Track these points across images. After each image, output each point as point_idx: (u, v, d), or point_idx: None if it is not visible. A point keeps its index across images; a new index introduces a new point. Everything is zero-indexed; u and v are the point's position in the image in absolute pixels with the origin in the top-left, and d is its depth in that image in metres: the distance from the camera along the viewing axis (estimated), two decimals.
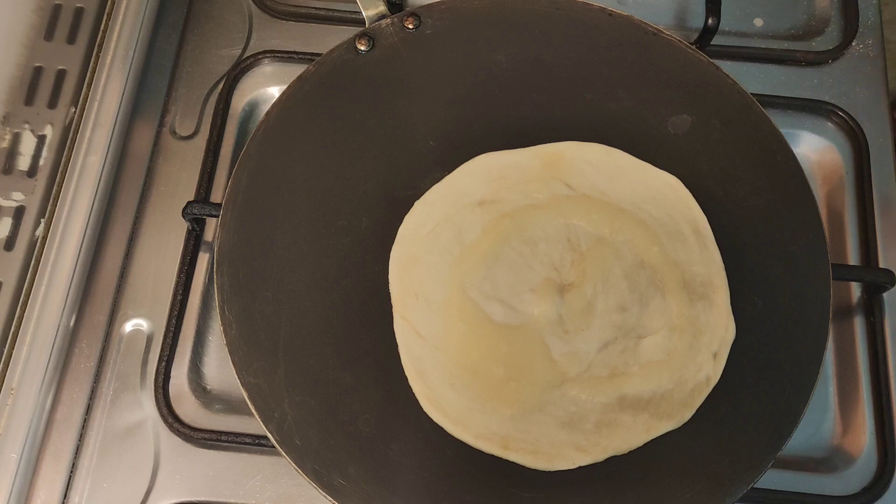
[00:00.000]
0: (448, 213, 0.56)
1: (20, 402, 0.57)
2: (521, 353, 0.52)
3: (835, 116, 0.68)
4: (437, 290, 0.54)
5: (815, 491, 0.57)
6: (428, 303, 0.53)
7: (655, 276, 0.54)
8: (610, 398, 0.51)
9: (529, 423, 0.51)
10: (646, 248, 0.54)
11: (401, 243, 0.55)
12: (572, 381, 0.52)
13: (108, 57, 0.67)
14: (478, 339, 0.53)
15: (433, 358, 0.52)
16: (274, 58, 0.69)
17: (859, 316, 0.63)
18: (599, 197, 0.56)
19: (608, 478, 0.50)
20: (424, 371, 0.52)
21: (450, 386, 0.51)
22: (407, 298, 0.53)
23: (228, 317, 0.53)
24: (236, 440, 0.57)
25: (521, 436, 0.50)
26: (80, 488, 0.57)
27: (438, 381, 0.52)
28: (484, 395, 0.51)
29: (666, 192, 0.56)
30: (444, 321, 0.53)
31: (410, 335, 0.53)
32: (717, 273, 0.54)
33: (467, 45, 0.61)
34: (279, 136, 0.58)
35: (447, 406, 0.51)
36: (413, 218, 0.56)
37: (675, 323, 0.53)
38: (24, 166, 0.64)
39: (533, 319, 0.53)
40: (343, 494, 0.49)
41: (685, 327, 0.53)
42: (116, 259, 0.64)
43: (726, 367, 0.52)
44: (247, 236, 0.55)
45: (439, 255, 0.55)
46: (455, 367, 0.52)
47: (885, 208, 0.65)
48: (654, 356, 0.52)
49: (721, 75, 0.59)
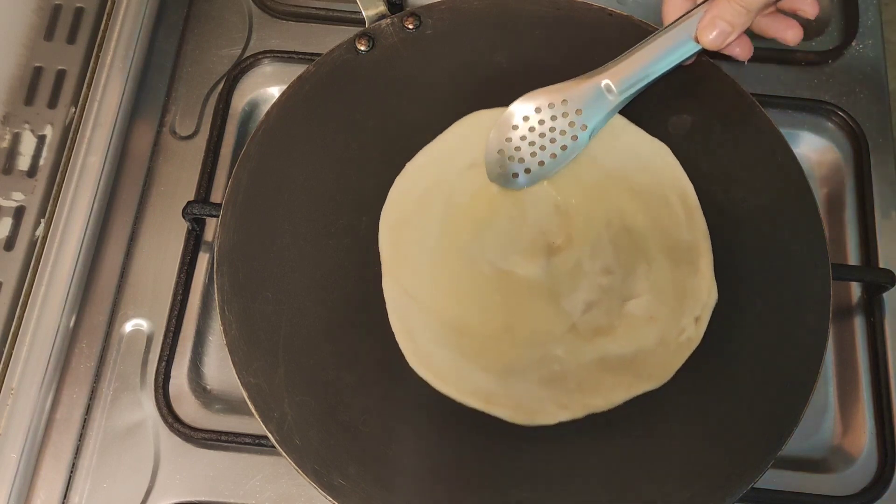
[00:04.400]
0: (438, 177, 0.56)
1: (20, 402, 0.57)
2: (508, 312, 0.53)
3: (835, 116, 0.68)
4: (427, 251, 0.55)
5: (815, 491, 0.57)
6: (417, 264, 0.54)
7: (641, 242, 0.55)
8: (592, 358, 0.52)
9: (513, 381, 0.52)
10: (633, 214, 0.56)
11: (391, 205, 0.56)
12: (557, 340, 0.53)
13: (108, 57, 0.67)
14: (465, 298, 0.54)
15: (421, 317, 0.53)
16: (274, 58, 0.69)
17: (859, 316, 0.63)
18: (589, 162, 0.57)
19: (608, 476, 0.50)
20: (412, 330, 0.53)
21: (437, 344, 0.52)
22: (396, 259, 0.54)
23: (228, 317, 0.53)
24: (236, 440, 0.57)
25: (504, 392, 0.51)
26: (80, 488, 0.57)
27: (426, 339, 0.52)
28: (470, 353, 0.52)
29: (655, 160, 0.57)
30: (432, 281, 0.54)
31: (399, 294, 0.54)
32: (702, 240, 0.55)
33: (467, 45, 0.61)
34: (279, 136, 0.58)
35: (433, 363, 0.52)
36: (403, 181, 0.57)
37: (659, 287, 0.54)
38: (24, 166, 0.64)
39: (520, 280, 0.54)
40: (343, 494, 0.49)
41: (669, 291, 0.54)
42: (116, 259, 0.64)
43: (726, 367, 0.53)
44: (247, 236, 0.55)
45: (429, 217, 0.55)
46: (442, 326, 0.53)
47: (885, 208, 0.65)
48: (638, 318, 0.53)
49: (721, 75, 0.60)
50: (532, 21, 0.61)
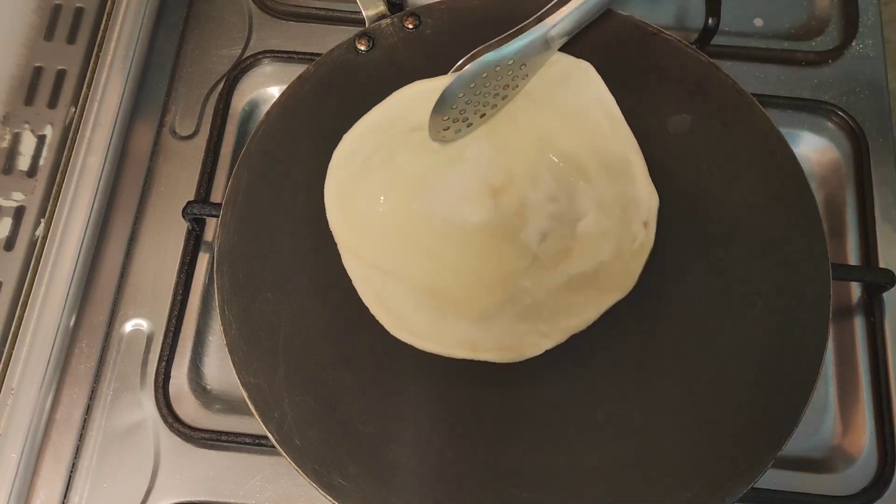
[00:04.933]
0: (378, 143, 0.57)
1: (20, 402, 0.57)
2: (471, 259, 0.55)
3: (835, 116, 0.68)
4: (377, 217, 0.55)
5: (815, 491, 0.57)
6: (370, 233, 0.55)
7: (576, 163, 0.57)
8: (559, 283, 0.54)
9: (492, 325, 0.53)
10: (563, 138, 0.57)
11: (332, 176, 0.56)
12: (522, 275, 0.54)
13: (108, 57, 0.67)
14: (426, 256, 0.55)
15: (390, 286, 0.54)
16: (274, 58, 0.69)
17: (859, 316, 0.63)
18: (520, 97, 0.58)
19: (608, 476, 0.50)
20: (386, 301, 0.53)
21: (413, 308, 0.53)
22: (349, 232, 0.55)
23: (228, 317, 0.53)
24: (236, 440, 0.57)
25: (486, 336, 0.53)
26: (80, 488, 0.57)
27: (401, 306, 0.53)
28: (445, 308, 0.54)
29: (578, 80, 0.58)
30: (390, 247, 0.55)
31: (363, 268, 0.54)
32: (632, 149, 0.56)
33: (467, 45, 0.60)
34: (279, 136, 0.58)
35: (414, 327, 0.53)
36: (342, 151, 0.57)
37: (602, 202, 0.56)
38: (24, 166, 0.64)
39: (474, 227, 0.56)
40: (343, 494, 0.49)
41: (612, 203, 0.56)
42: (116, 259, 0.64)
43: (727, 368, 0.53)
44: (247, 236, 0.55)
45: (373, 182, 0.56)
46: (412, 289, 0.54)
47: (885, 208, 0.65)
48: (591, 235, 0.55)
49: (721, 75, 0.59)
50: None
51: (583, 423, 0.51)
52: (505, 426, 0.51)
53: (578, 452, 0.51)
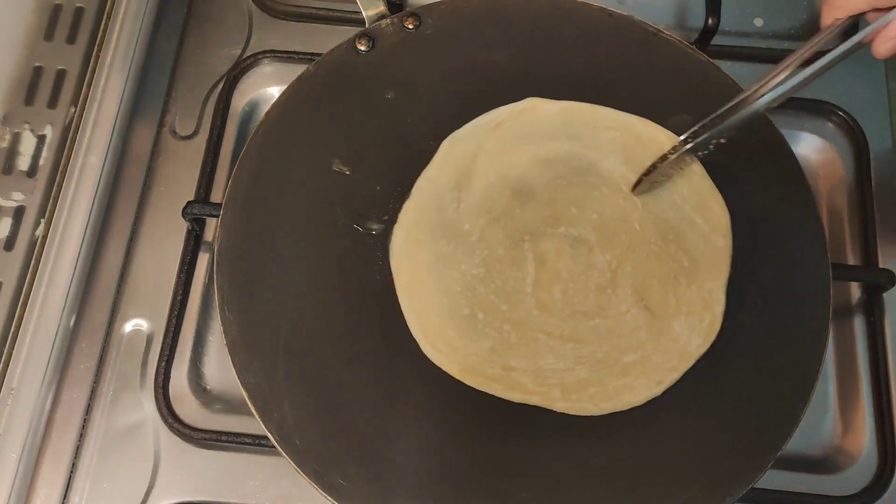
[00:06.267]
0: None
1: (20, 402, 0.57)
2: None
3: (835, 116, 0.68)
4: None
5: (815, 491, 0.57)
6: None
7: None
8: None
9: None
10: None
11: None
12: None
13: (108, 57, 0.67)
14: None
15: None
16: (274, 58, 0.69)
17: (859, 316, 0.63)
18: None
19: (608, 477, 0.50)
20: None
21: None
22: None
23: (228, 317, 0.53)
24: (236, 440, 0.57)
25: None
26: (80, 488, 0.57)
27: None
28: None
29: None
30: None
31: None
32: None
33: (467, 45, 0.61)
34: (279, 136, 0.58)
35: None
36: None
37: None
38: (24, 166, 0.64)
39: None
40: (343, 494, 0.49)
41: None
42: (116, 259, 0.64)
43: (726, 368, 0.53)
44: (247, 236, 0.55)
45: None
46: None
47: (885, 208, 0.65)
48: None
49: (721, 75, 0.60)
50: (532, 21, 0.61)
51: (583, 423, 0.51)
52: (505, 426, 0.51)
53: (579, 452, 0.51)
